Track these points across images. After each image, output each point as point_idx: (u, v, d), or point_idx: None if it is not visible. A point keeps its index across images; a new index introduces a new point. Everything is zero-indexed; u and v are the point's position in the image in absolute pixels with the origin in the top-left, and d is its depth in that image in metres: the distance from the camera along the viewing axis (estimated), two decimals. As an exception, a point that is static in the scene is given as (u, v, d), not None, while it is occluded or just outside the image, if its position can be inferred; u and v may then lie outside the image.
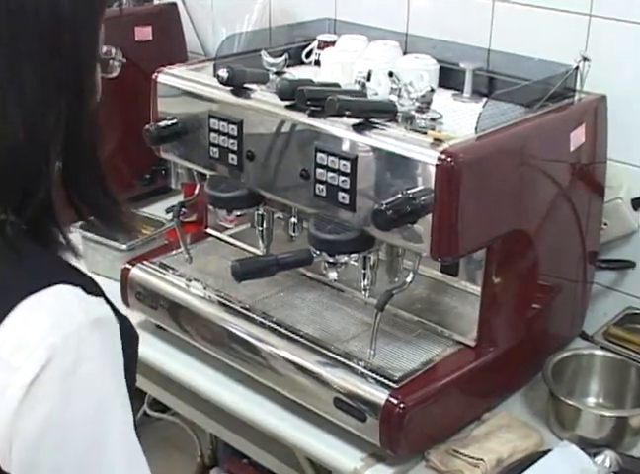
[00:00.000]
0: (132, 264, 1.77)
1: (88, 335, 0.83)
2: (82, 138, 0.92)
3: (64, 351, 0.81)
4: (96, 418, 0.83)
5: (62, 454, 0.82)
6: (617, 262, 1.78)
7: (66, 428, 0.82)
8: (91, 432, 0.83)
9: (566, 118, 1.54)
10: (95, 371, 0.83)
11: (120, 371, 0.87)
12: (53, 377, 0.81)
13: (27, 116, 0.86)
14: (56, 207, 0.92)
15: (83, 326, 0.83)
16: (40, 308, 0.83)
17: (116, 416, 0.85)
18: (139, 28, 2.19)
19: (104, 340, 0.85)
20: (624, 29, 1.66)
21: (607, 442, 1.45)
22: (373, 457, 1.44)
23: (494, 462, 1.41)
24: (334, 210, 1.42)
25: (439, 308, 1.60)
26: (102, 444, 0.84)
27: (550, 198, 1.52)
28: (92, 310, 0.85)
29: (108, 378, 0.85)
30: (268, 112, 1.50)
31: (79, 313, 0.84)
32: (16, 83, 0.85)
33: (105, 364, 0.85)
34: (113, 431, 0.85)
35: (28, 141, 0.86)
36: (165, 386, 1.86)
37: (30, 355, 0.81)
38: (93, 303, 0.86)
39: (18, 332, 0.82)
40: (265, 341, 1.55)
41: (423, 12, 1.95)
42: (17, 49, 0.85)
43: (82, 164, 0.94)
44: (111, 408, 0.85)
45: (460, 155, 1.30)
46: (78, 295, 0.85)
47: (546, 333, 1.65)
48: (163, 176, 2.31)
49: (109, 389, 0.85)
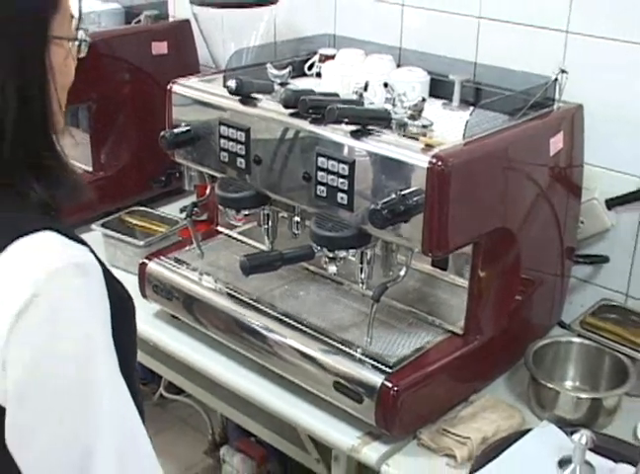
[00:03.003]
0: (149, 259, 1.77)
1: (72, 275, 0.83)
2: (35, 114, 0.91)
3: (49, 287, 0.81)
4: (82, 351, 0.82)
5: (49, 386, 0.81)
6: (593, 257, 1.78)
7: (54, 358, 0.81)
8: (78, 363, 0.82)
9: (546, 126, 1.54)
10: (80, 308, 0.83)
11: (106, 316, 0.86)
12: (40, 311, 0.80)
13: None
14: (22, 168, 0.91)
15: (67, 266, 0.83)
16: (28, 249, 0.83)
17: (102, 352, 0.84)
18: (156, 43, 2.19)
19: (88, 282, 0.84)
20: (598, 44, 1.66)
21: (583, 422, 1.45)
22: (369, 436, 1.44)
23: (480, 440, 1.41)
24: (333, 210, 1.42)
25: (429, 299, 1.59)
26: (89, 376, 0.83)
27: (531, 199, 1.52)
28: (75, 254, 0.85)
29: (92, 317, 0.84)
30: (273, 119, 1.50)
31: (63, 255, 0.84)
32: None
33: (90, 305, 0.84)
34: (99, 362, 0.84)
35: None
36: (179, 371, 1.87)
37: (16, 289, 0.81)
38: (77, 248, 0.86)
39: (7, 270, 0.82)
40: (271, 329, 1.55)
41: (415, 28, 1.94)
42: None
43: (36, 136, 0.92)
44: (97, 344, 0.84)
45: (449, 159, 1.29)
46: (63, 240, 0.85)
47: (528, 322, 1.65)
48: (177, 178, 2.31)
49: (94, 327, 0.84)
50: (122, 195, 2.17)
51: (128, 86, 2.14)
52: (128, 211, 2.12)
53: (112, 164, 2.19)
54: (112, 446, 0.84)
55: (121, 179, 2.19)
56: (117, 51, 2.09)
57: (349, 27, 2.04)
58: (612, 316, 1.69)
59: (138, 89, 2.14)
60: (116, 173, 2.19)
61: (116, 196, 2.14)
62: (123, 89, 2.14)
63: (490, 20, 1.81)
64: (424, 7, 1.91)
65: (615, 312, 1.71)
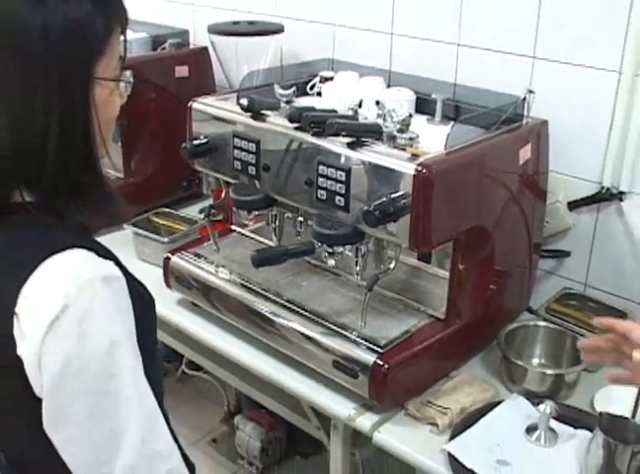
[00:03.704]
0: (172, 253, 1.77)
1: (98, 287, 0.82)
2: (75, 145, 0.88)
3: (78, 299, 0.80)
4: (108, 354, 0.82)
5: (80, 382, 0.81)
6: (556, 252, 1.77)
7: (83, 360, 0.81)
8: (104, 365, 0.82)
9: (516, 138, 1.53)
10: (106, 317, 0.82)
11: (131, 324, 0.86)
12: (70, 320, 0.80)
13: (12, 126, 0.84)
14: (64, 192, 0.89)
15: (94, 280, 0.82)
16: (59, 266, 0.82)
17: (126, 355, 0.84)
18: (178, 67, 2.19)
19: (113, 293, 0.83)
20: (560, 68, 1.66)
21: (548, 394, 1.45)
22: (363, 407, 1.44)
23: (459, 410, 1.41)
24: (332, 211, 1.41)
25: (415, 289, 1.59)
26: (113, 376, 0.82)
27: (504, 201, 1.51)
28: (101, 268, 0.84)
29: (118, 324, 0.84)
30: (280, 132, 1.49)
31: (90, 270, 0.83)
32: (5, 100, 0.84)
33: (114, 312, 0.83)
34: (123, 363, 0.83)
35: (17, 144, 0.84)
36: (199, 351, 1.87)
37: (50, 301, 0.80)
38: (103, 263, 0.85)
39: (42, 284, 0.81)
40: (278, 315, 1.55)
41: (402, 54, 1.94)
42: (5, 66, 0.84)
43: (77, 166, 0.89)
44: (121, 347, 0.83)
45: (433, 167, 1.29)
46: (90, 257, 0.84)
47: (500, 308, 1.64)
48: (197, 184, 2.33)
49: (119, 332, 0.83)
50: (150, 198, 2.16)
51: (155, 104, 2.13)
52: (155, 212, 2.11)
53: (140, 171, 2.19)
54: (136, 428, 0.83)
55: (149, 184, 2.19)
56: (145, 74, 2.09)
57: (345, 53, 2.03)
58: (573, 303, 1.69)
59: (163, 106, 2.13)
60: (144, 179, 2.19)
61: (144, 199, 2.13)
62: (151, 107, 2.13)
63: (467, 47, 1.81)
64: (410, 36, 1.91)
65: (576, 299, 1.71)
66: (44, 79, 0.84)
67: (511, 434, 1.36)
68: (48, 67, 0.84)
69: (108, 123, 0.94)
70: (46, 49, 0.84)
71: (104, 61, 0.89)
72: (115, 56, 0.92)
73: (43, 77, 0.84)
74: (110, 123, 0.96)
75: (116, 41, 0.91)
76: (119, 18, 0.91)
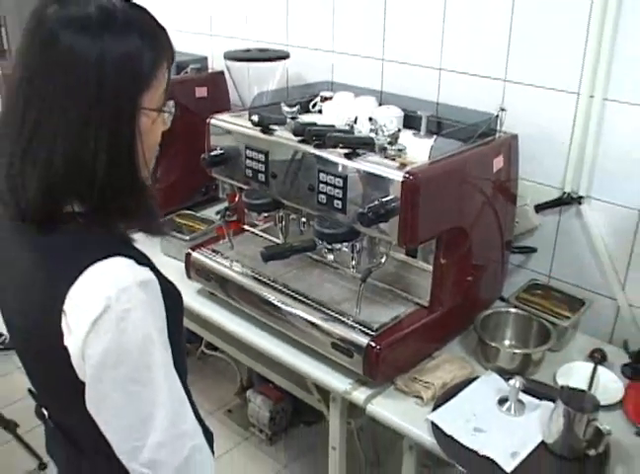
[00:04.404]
0: (193, 249, 1.76)
1: (135, 291, 0.81)
2: (121, 168, 0.86)
3: (118, 301, 0.79)
4: (143, 348, 0.81)
5: (118, 372, 0.81)
6: (524, 248, 1.77)
7: (121, 353, 0.80)
8: (138, 358, 0.81)
9: (490, 150, 1.53)
10: (141, 317, 0.81)
11: (163, 322, 0.85)
12: (111, 319, 0.79)
13: (67, 148, 0.82)
14: (109, 207, 0.87)
15: (132, 284, 0.81)
16: (102, 271, 0.81)
17: (158, 349, 0.83)
18: (198, 88, 2.18)
19: (148, 296, 0.82)
20: (528, 89, 1.65)
21: (517, 371, 1.45)
22: (358, 382, 1.43)
23: (440, 385, 1.41)
24: (331, 213, 1.41)
25: (403, 280, 1.58)
26: (146, 367, 0.82)
27: (479, 204, 1.51)
28: (139, 274, 0.83)
29: (151, 323, 0.83)
30: (286, 145, 1.49)
31: (129, 276, 0.82)
32: (63, 123, 0.82)
33: (149, 313, 0.82)
34: (156, 356, 0.82)
35: (70, 165, 0.82)
36: (216, 333, 1.87)
37: (93, 302, 0.79)
38: (140, 270, 0.83)
39: (87, 287, 0.81)
40: (284, 303, 1.54)
41: (392, 77, 1.93)
42: (66, 101, 0.81)
43: (123, 186, 0.87)
44: (154, 342, 0.82)
45: (418, 174, 1.29)
46: (130, 264, 0.83)
47: (476, 297, 1.63)
48: (214, 189, 2.32)
49: (152, 330, 0.82)
50: (173, 202, 2.16)
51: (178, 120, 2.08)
52: (178, 214, 2.11)
53: (165, 179, 2.17)
54: (166, 411, 0.83)
55: (173, 190, 2.18)
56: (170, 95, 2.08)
57: (343, 76, 2.02)
58: (539, 292, 1.69)
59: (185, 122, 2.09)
60: (168, 185, 2.18)
61: (168, 203, 2.12)
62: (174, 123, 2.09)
63: (448, 71, 1.80)
64: (398, 61, 1.90)
65: (541, 289, 1.70)
66: (97, 110, 0.81)
67: (485, 405, 1.36)
68: (101, 99, 0.81)
69: (151, 149, 0.91)
70: (100, 82, 0.81)
71: (150, 93, 0.86)
72: (160, 88, 0.88)
73: (96, 109, 0.81)
74: (152, 148, 0.93)
75: (162, 74, 0.88)
76: (165, 53, 0.88)
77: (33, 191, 0.82)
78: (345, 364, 1.43)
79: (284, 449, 2.27)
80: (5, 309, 0.95)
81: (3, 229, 0.92)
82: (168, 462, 0.83)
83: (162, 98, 0.90)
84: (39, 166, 0.82)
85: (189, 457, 0.84)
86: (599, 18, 1.49)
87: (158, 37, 0.88)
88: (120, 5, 0.84)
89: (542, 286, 1.71)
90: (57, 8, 0.82)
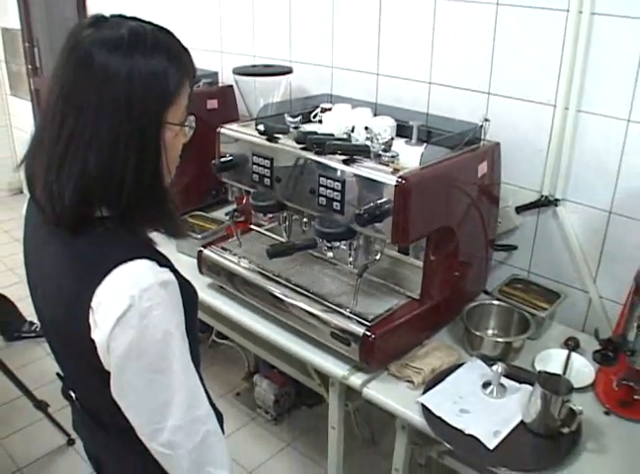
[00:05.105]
0: (204, 247, 1.76)
1: (157, 291, 0.81)
2: (147, 177, 0.86)
3: (141, 300, 0.80)
4: (162, 342, 0.82)
5: (140, 363, 0.81)
6: (506, 246, 1.77)
7: (143, 346, 0.81)
8: (159, 350, 0.82)
9: (475, 156, 1.53)
10: (161, 314, 0.81)
11: (181, 318, 0.85)
12: (134, 316, 0.80)
13: (99, 159, 0.82)
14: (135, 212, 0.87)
15: (154, 285, 0.81)
16: (127, 273, 0.82)
17: (176, 343, 0.83)
18: (209, 100, 2.18)
19: (168, 295, 0.83)
20: (510, 101, 1.65)
21: (499, 357, 1.46)
22: (355, 368, 1.44)
23: (430, 370, 1.41)
24: (330, 214, 1.41)
25: (396, 275, 1.59)
26: (166, 358, 0.82)
27: (465, 206, 1.51)
28: (160, 275, 0.83)
29: (170, 319, 0.83)
30: (289, 152, 1.49)
31: (151, 277, 0.82)
32: (96, 136, 0.82)
33: (168, 310, 0.83)
34: (174, 349, 0.83)
35: (101, 175, 0.83)
36: (225, 323, 1.86)
37: (118, 300, 0.80)
38: (161, 271, 0.84)
39: (112, 286, 0.81)
40: (287, 296, 1.54)
41: (386, 90, 1.93)
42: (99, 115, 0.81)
43: (148, 193, 0.87)
44: (172, 337, 0.83)
45: (410, 179, 1.29)
46: (152, 266, 0.83)
47: (463, 290, 1.64)
48: (223, 192, 2.31)
49: (171, 325, 0.83)
50: (186, 204, 2.16)
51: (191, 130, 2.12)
52: (190, 215, 2.11)
53: (179, 182, 2.12)
54: (182, 398, 0.84)
55: (186, 193, 2.18)
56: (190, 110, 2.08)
57: (341, 89, 2.03)
58: (519, 286, 1.69)
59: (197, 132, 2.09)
60: (181, 189, 2.17)
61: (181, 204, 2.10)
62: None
63: (437, 84, 1.80)
64: (392, 76, 1.90)
65: (521, 283, 1.70)
66: (127, 124, 0.82)
67: (470, 388, 1.36)
68: (130, 114, 0.82)
69: (173, 159, 0.92)
70: (129, 97, 0.81)
71: (174, 109, 0.86)
72: (183, 104, 0.88)
73: (126, 123, 0.82)
74: (175, 159, 0.93)
75: (185, 92, 0.88)
76: (188, 72, 0.88)
77: (68, 197, 0.83)
78: (343, 352, 1.43)
79: (288, 429, 2.27)
80: (38, 304, 0.96)
81: (38, 232, 0.93)
82: (184, 444, 0.84)
83: (184, 113, 0.90)
84: (73, 176, 0.82)
85: (203, 440, 0.85)
86: (572, 37, 1.49)
87: (182, 57, 0.88)
88: (150, 28, 0.85)
89: (522, 281, 1.72)
90: (93, 30, 0.83)
